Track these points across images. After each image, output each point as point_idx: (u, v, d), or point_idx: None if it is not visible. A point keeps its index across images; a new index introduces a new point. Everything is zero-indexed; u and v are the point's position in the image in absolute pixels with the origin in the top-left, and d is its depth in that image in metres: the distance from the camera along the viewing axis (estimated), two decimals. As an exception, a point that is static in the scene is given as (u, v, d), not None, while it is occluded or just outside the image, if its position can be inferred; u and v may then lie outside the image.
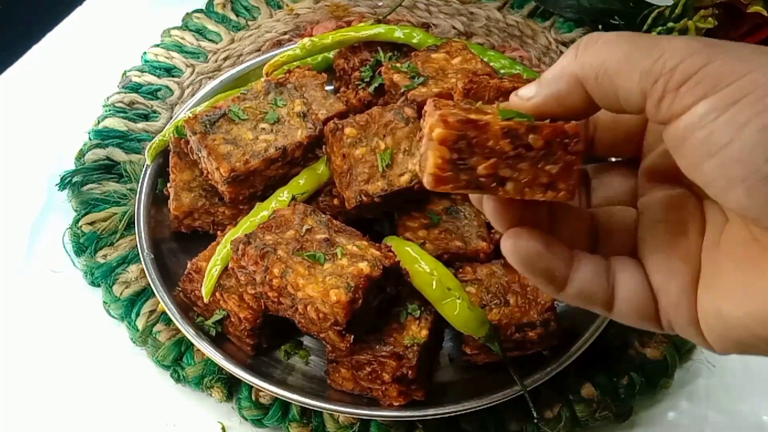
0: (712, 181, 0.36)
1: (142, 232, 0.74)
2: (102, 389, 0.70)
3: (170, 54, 0.96)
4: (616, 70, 0.38)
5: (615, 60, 0.38)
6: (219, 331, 0.69)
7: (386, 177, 0.68)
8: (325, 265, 0.61)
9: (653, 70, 0.37)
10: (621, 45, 0.39)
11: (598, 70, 0.39)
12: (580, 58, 0.40)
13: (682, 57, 0.36)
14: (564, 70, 0.41)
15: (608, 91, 0.39)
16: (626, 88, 0.38)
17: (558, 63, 0.42)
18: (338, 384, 0.66)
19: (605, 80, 0.39)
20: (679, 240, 0.43)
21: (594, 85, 0.40)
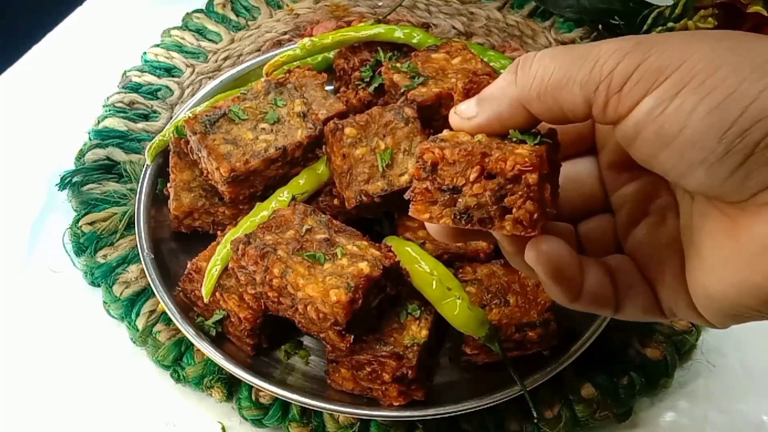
0: (671, 169, 0.37)
1: (142, 232, 0.74)
2: (102, 389, 0.70)
3: (170, 54, 0.96)
4: (556, 86, 0.39)
5: (553, 77, 0.39)
6: (219, 331, 0.69)
7: (386, 177, 0.68)
8: (325, 265, 0.61)
9: (592, 79, 0.38)
10: (556, 61, 0.40)
11: (539, 90, 0.40)
12: (519, 81, 0.41)
13: (617, 59, 0.37)
14: (504, 94, 0.42)
15: (552, 106, 0.40)
16: (569, 100, 0.39)
17: (496, 85, 0.43)
18: (338, 384, 0.66)
19: (547, 97, 0.40)
20: (660, 229, 0.44)
21: (537, 103, 0.41)
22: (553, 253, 0.42)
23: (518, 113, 0.42)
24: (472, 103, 0.44)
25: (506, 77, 0.42)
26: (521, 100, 0.41)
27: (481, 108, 0.43)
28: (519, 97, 0.41)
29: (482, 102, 0.43)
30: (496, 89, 0.43)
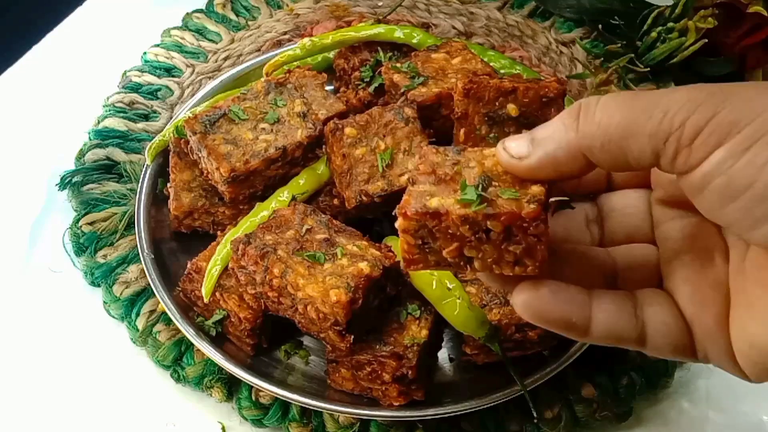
0: (735, 222, 0.37)
1: (142, 232, 0.74)
2: (102, 389, 0.70)
3: (170, 54, 0.96)
4: (622, 135, 0.38)
5: (619, 126, 0.38)
6: (219, 331, 0.69)
7: (386, 177, 0.68)
8: (325, 265, 0.61)
9: (662, 130, 0.37)
10: (621, 109, 0.39)
11: (603, 139, 0.39)
12: (581, 128, 0.40)
13: (689, 111, 0.37)
14: (563, 138, 0.40)
15: (617, 155, 0.39)
16: (636, 150, 0.38)
17: (553, 127, 0.41)
18: (338, 384, 0.66)
19: (612, 146, 0.39)
20: (706, 269, 0.43)
21: (599, 152, 0.39)
22: (532, 300, 0.41)
23: (576, 160, 0.40)
24: (524, 141, 0.42)
25: (566, 121, 0.40)
26: (582, 148, 0.40)
27: (535, 150, 0.41)
28: (580, 144, 0.40)
29: (537, 143, 0.41)
30: (554, 131, 0.41)
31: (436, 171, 0.42)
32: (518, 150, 0.41)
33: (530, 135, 0.42)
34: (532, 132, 0.42)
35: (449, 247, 0.41)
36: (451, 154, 0.43)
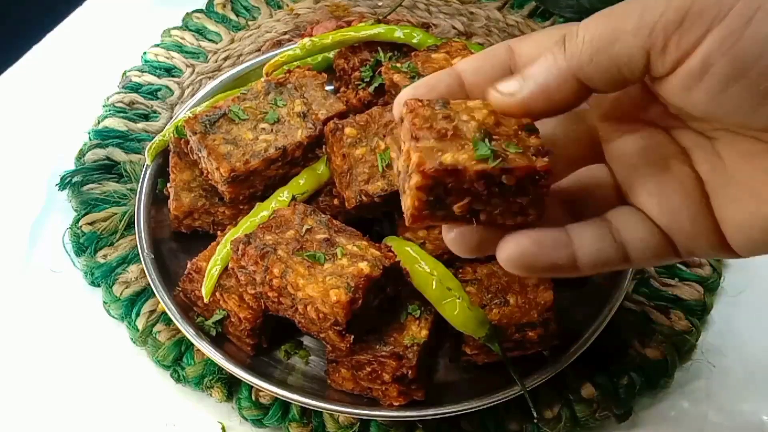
0: (735, 108, 0.36)
1: (142, 232, 0.74)
2: (102, 389, 0.70)
3: (170, 54, 0.96)
4: (609, 41, 0.38)
5: (603, 35, 0.38)
6: (219, 331, 0.69)
7: (386, 177, 0.68)
8: (325, 265, 0.61)
9: (644, 23, 0.37)
10: (602, 21, 0.38)
11: (591, 52, 0.38)
12: (568, 51, 0.39)
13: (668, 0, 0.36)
14: (552, 65, 0.40)
15: (608, 66, 0.38)
16: (625, 53, 0.38)
17: (541, 60, 0.41)
18: (338, 384, 0.66)
19: (601, 57, 0.38)
20: (668, 177, 0.43)
21: (590, 67, 0.39)
22: (517, 254, 0.41)
23: (567, 85, 0.40)
24: (514, 79, 0.41)
25: (553, 50, 0.40)
26: (572, 69, 0.39)
27: (525, 83, 0.41)
28: (569, 66, 0.39)
29: (527, 77, 0.41)
30: (542, 62, 0.41)
31: (433, 126, 0.41)
32: (509, 87, 0.42)
33: (519, 73, 0.42)
34: (521, 70, 0.42)
35: (460, 202, 0.41)
36: (438, 107, 0.43)
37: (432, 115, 0.42)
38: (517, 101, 0.41)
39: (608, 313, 0.68)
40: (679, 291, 0.75)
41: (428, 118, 0.42)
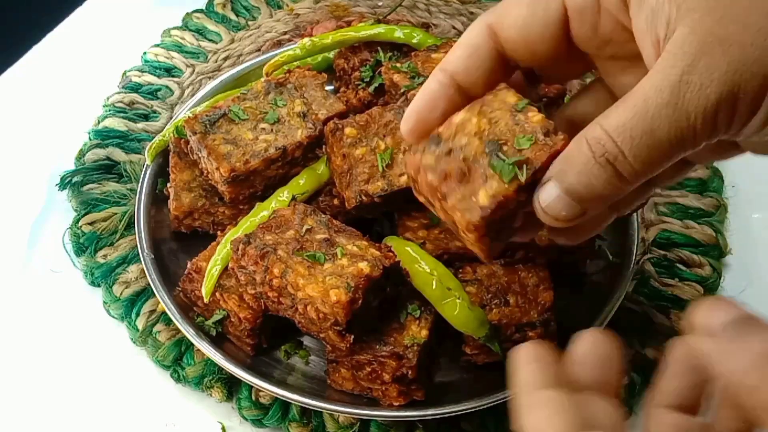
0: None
1: (142, 232, 0.74)
2: (102, 389, 0.70)
3: (170, 54, 0.96)
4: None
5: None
6: (219, 331, 0.69)
7: (386, 177, 0.68)
8: (325, 265, 0.61)
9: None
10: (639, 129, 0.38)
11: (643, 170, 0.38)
12: (624, 172, 0.39)
13: None
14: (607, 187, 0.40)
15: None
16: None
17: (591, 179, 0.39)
18: (338, 384, 0.66)
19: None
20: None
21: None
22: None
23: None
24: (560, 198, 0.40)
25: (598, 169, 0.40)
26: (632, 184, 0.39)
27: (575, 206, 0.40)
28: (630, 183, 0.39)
29: (578, 201, 0.40)
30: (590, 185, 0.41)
31: (446, 173, 0.41)
32: (558, 209, 0.41)
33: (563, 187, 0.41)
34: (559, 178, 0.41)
35: (515, 217, 0.42)
36: (433, 146, 0.42)
37: (436, 160, 0.42)
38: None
39: (608, 313, 0.68)
40: (679, 291, 0.75)
41: (436, 168, 0.41)
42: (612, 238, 0.75)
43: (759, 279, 0.78)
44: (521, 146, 0.40)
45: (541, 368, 0.38)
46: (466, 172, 0.41)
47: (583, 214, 0.39)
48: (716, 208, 0.82)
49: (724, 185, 0.84)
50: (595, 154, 0.38)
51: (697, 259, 0.77)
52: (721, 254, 0.79)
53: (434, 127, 0.43)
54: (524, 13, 0.43)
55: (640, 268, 0.76)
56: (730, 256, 0.79)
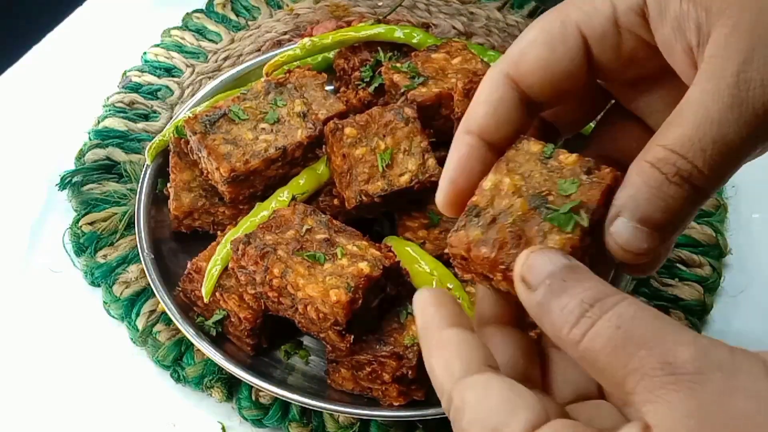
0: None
1: (142, 232, 0.74)
2: (102, 389, 0.70)
3: (170, 54, 0.96)
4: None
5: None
6: (219, 331, 0.69)
7: (386, 177, 0.68)
8: (325, 265, 0.61)
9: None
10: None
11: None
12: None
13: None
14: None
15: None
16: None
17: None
18: (338, 384, 0.66)
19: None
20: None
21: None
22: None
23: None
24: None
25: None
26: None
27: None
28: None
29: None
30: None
31: (503, 242, 0.39)
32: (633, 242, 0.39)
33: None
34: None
35: (591, 251, 0.39)
36: (473, 218, 0.40)
37: (483, 232, 0.39)
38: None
39: (608, 313, 0.68)
40: (679, 291, 0.75)
41: (487, 240, 0.39)
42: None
43: (759, 279, 0.78)
44: (568, 191, 0.39)
45: (440, 310, 0.38)
46: (521, 235, 0.39)
47: (662, 242, 0.37)
48: (716, 208, 0.82)
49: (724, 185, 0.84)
50: (667, 175, 0.36)
51: (697, 259, 0.77)
52: (721, 254, 0.79)
53: (472, 193, 0.42)
54: (544, 53, 0.42)
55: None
56: (730, 256, 0.79)
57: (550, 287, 0.35)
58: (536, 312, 0.35)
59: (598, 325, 0.33)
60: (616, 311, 0.33)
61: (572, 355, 0.34)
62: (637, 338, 0.32)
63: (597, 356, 0.33)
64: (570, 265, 0.35)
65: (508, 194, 0.40)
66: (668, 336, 0.32)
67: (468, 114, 0.43)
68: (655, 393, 0.31)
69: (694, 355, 0.31)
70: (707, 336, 0.32)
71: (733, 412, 0.30)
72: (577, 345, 0.33)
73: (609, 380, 0.33)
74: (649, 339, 0.32)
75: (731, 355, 0.31)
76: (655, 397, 0.31)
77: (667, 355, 0.31)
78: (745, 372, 0.31)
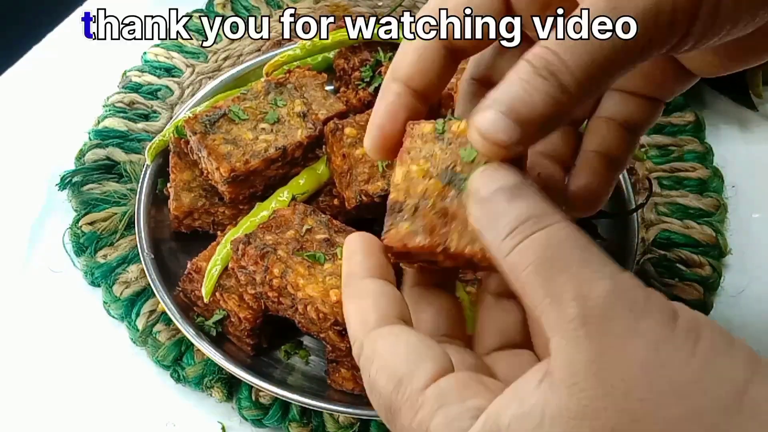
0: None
1: (142, 232, 0.74)
2: (102, 389, 0.70)
3: (170, 54, 0.96)
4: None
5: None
6: (219, 331, 0.69)
7: (386, 177, 0.68)
8: (325, 265, 0.61)
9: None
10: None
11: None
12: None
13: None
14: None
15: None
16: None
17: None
18: (338, 384, 0.66)
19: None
20: None
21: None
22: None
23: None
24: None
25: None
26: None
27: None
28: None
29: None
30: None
31: (432, 226, 0.40)
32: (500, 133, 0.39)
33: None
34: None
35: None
36: (398, 215, 0.40)
37: (411, 223, 0.40)
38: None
39: (608, 313, 0.68)
40: (679, 291, 0.75)
41: (417, 229, 0.40)
42: (612, 238, 0.75)
43: (759, 279, 0.78)
44: (471, 157, 0.39)
45: (367, 259, 0.39)
46: (445, 213, 0.39)
47: (523, 138, 0.37)
48: (716, 208, 0.82)
49: (724, 185, 0.84)
50: (537, 68, 0.36)
51: (697, 259, 0.77)
52: (721, 254, 0.79)
53: (399, 138, 0.43)
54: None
55: (640, 268, 0.76)
56: (730, 256, 0.79)
57: (496, 198, 0.36)
58: (479, 223, 0.36)
59: (528, 241, 0.33)
60: (549, 231, 0.33)
61: (500, 269, 0.35)
62: (561, 261, 0.32)
63: (520, 273, 0.33)
64: (521, 182, 0.36)
65: (420, 180, 0.40)
66: (590, 266, 0.32)
67: (394, 62, 0.44)
68: (565, 326, 0.31)
69: (609, 290, 0.31)
70: (630, 274, 0.32)
71: (631, 360, 0.30)
72: (506, 257, 0.34)
73: (528, 300, 0.34)
74: (571, 266, 0.32)
75: (645, 297, 0.32)
76: (564, 330, 0.31)
77: (583, 286, 0.31)
78: (653, 316, 0.31)
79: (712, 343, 0.31)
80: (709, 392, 0.30)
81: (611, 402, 0.30)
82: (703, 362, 0.31)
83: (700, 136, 0.88)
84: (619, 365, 0.30)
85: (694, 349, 0.31)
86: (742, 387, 0.30)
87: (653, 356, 0.30)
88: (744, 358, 0.32)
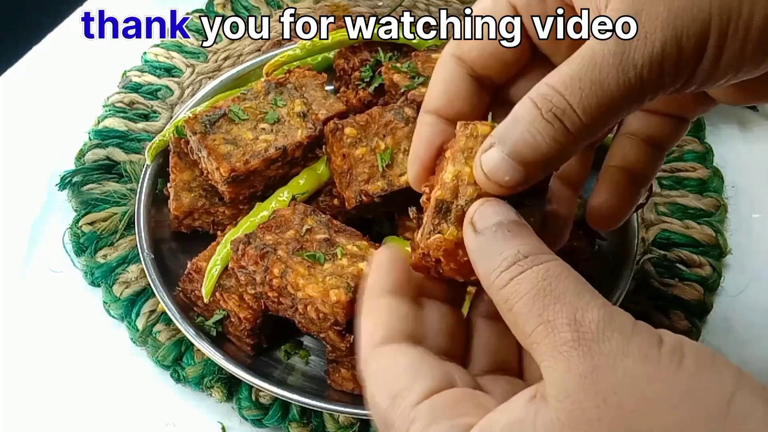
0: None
1: (142, 232, 0.74)
2: (102, 389, 0.70)
3: (170, 54, 0.96)
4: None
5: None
6: (219, 331, 0.69)
7: (386, 177, 0.68)
8: (325, 265, 0.61)
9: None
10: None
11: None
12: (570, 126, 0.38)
13: None
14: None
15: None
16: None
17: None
18: (338, 384, 0.66)
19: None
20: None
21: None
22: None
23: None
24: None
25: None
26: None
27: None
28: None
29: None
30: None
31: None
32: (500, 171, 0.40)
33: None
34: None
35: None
36: (443, 218, 0.40)
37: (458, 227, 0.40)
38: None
39: (608, 313, 0.68)
40: (679, 291, 0.75)
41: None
42: (612, 238, 0.75)
43: (759, 279, 0.78)
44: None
45: (388, 275, 0.41)
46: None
47: (526, 180, 0.38)
48: (716, 208, 0.82)
49: (724, 185, 0.84)
50: (542, 111, 0.37)
51: (697, 259, 0.77)
52: (721, 254, 0.79)
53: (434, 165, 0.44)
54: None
55: (640, 268, 0.76)
56: (730, 256, 0.79)
57: (494, 233, 0.37)
58: (475, 255, 0.38)
59: (526, 274, 0.35)
60: (546, 266, 0.35)
61: (494, 299, 0.36)
62: (556, 292, 0.34)
63: (516, 302, 0.35)
64: (517, 221, 0.38)
65: (471, 183, 0.40)
66: (584, 298, 0.34)
67: (426, 96, 0.45)
68: (558, 348, 0.33)
69: (600, 316, 0.33)
70: (617, 307, 0.34)
71: (622, 374, 0.32)
72: (501, 289, 0.35)
73: (521, 328, 0.35)
74: (567, 295, 0.34)
75: (633, 323, 0.34)
76: (557, 353, 0.33)
77: (577, 312, 0.33)
78: (641, 337, 0.33)
79: (697, 359, 0.32)
80: (698, 403, 0.31)
81: (604, 413, 0.32)
82: (691, 375, 0.32)
83: (700, 135, 0.88)
84: (611, 379, 0.32)
85: (680, 364, 0.32)
86: (729, 397, 0.31)
87: (643, 371, 0.32)
88: (729, 372, 0.33)
